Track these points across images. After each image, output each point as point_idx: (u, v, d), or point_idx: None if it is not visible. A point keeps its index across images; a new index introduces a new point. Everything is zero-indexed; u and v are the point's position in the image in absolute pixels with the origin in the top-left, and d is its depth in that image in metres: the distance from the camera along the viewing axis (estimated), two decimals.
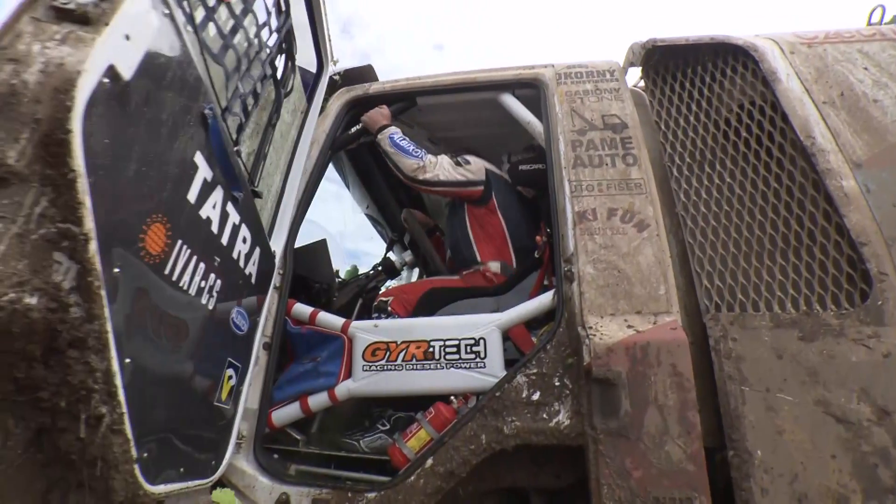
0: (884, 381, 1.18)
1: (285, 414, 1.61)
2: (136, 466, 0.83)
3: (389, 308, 1.90)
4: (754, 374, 1.24)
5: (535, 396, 1.42)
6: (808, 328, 1.26)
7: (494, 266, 2.04)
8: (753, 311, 1.33)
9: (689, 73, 1.70)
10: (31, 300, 0.67)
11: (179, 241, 1.04)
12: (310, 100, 1.89)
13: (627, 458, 1.21)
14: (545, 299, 1.58)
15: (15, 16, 0.80)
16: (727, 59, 1.65)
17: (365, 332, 1.61)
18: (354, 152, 2.55)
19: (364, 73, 2.09)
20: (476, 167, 2.06)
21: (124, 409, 0.79)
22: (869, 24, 1.77)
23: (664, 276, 1.43)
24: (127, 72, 0.85)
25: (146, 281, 0.91)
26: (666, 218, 1.55)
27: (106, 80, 0.80)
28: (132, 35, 0.87)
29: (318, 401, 1.59)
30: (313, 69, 2.03)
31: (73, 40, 0.80)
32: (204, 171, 1.14)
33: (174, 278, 1.04)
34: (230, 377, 1.40)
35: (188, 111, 1.08)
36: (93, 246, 0.73)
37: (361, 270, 2.50)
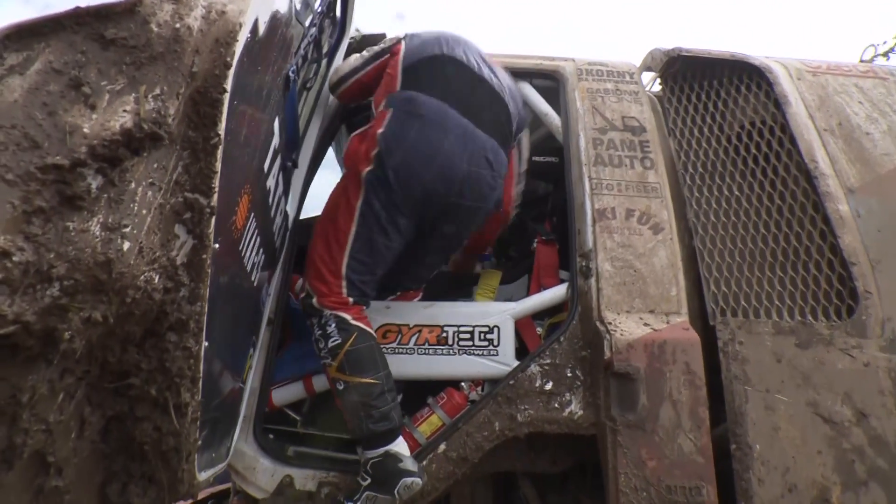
0: (863, 387, 1.33)
1: (287, 393, 1.54)
2: (196, 455, 0.77)
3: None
4: (756, 375, 1.35)
5: (548, 386, 1.46)
6: (803, 336, 1.39)
7: None
8: (755, 318, 1.44)
9: (706, 85, 1.78)
10: (157, 279, 0.59)
11: (252, 214, 0.96)
12: (329, 65, 1.77)
13: (643, 448, 1.28)
14: (559, 291, 1.62)
15: None
16: (742, 77, 1.74)
17: (376, 313, 1.56)
18: (355, 126, 2.43)
19: (379, 42, 1.98)
20: None
21: (200, 396, 0.72)
22: (861, 60, 1.94)
23: (675, 278, 1.51)
24: (262, 27, 0.78)
25: (229, 257, 0.84)
26: (676, 222, 1.62)
27: (250, 36, 0.72)
28: None
29: (323, 381, 1.53)
30: None
31: None
32: (275, 139, 1.05)
33: (243, 253, 0.96)
34: (251, 356, 1.32)
35: (280, 72, 0.99)
36: (213, 220, 0.65)
37: None
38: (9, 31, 0.56)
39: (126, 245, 0.54)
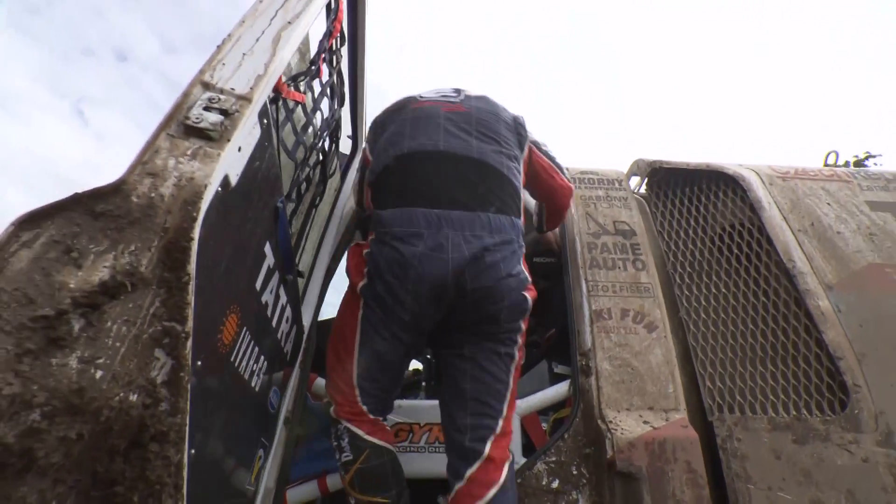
0: (865, 485, 1.36)
1: (301, 493, 1.59)
2: None
3: None
4: (757, 472, 1.38)
5: (555, 484, 1.49)
6: (799, 432, 1.44)
7: None
8: (752, 413, 1.50)
9: (688, 191, 1.96)
10: (133, 398, 0.70)
11: (244, 329, 1.08)
12: (343, 178, 2.00)
13: None
14: (561, 389, 1.70)
15: (155, 134, 0.88)
16: (719, 184, 1.92)
17: None
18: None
19: None
20: None
21: (186, 501, 0.80)
22: (825, 164, 2.13)
23: (672, 375, 1.59)
24: (234, 179, 0.93)
25: (217, 370, 0.95)
26: (669, 320, 1.73)
27: (220, 189, 0.88)
28: (243, 147, 0.95)
29: (337, 480, 1.58)
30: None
31: (202, 156, 0.87)
32: (269, 259, 1.20)
33: (236, 365, 1.07)
34: (260, 457, 1.39)
35: (266, 205, 1.15)
36: (190, 343, 0.76)
37: None
38: (25, 216, 0.73)
39: (98, 374, 0.66)
